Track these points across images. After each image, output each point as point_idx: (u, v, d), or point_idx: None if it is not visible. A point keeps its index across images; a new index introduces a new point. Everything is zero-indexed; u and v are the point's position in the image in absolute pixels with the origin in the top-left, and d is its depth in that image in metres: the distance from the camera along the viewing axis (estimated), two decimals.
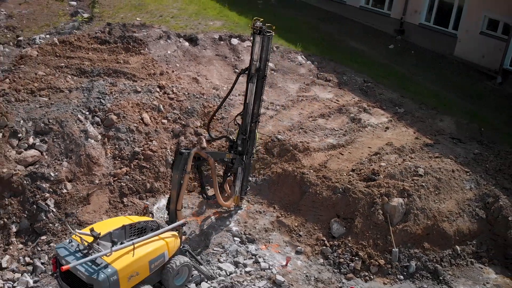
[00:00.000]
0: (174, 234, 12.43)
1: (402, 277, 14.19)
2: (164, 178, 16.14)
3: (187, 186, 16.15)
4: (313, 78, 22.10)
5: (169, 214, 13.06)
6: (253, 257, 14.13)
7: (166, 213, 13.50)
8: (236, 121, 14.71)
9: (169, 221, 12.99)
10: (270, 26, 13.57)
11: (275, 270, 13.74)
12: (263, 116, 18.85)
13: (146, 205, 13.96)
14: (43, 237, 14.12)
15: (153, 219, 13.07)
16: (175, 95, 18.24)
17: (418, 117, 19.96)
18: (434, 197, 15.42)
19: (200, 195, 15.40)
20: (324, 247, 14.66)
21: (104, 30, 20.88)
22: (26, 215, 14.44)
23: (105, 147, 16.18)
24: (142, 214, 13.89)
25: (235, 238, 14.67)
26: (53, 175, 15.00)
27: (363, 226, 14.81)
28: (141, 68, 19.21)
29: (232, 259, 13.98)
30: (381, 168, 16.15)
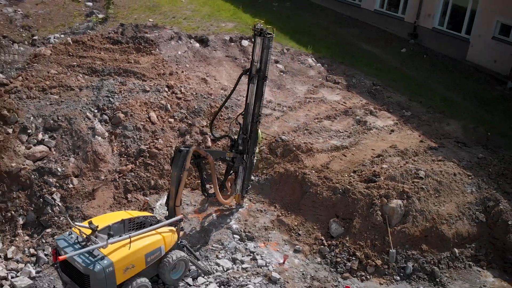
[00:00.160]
0: (172, 229, 12.75)
1: (399, 278, 14.29)
2: (168, 176, 16.40)
3: (191, 184, 16.54)
4: (322, 81, 22.26)
5: (168, 210, 13.37)
6: (251, 254, 14.35)
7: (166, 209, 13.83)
8: (238, 121, 14.98)
9: (168, 217, 13.25)
10: (271, 28, 13.85)
11: (272, 268, 13.96)
12: (269, 117, 19.17)
13: (146, 201, 14.32)
14: (48, 230, 14.57)
15: (153, 215, 13.42)
16: (183, 95, 18.59)
17: (425, 121, 19.97)
18: (434, 200, 15.50)
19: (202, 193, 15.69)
20: (322, 247, 14.84)
21: (117, 31, 21.32)
22: (33, 208, 14.89)
23: (112, 144, 16.59)
24: (143, 210, 14.24)
25: (235, 236, 14.92)
26: (60, 170, 15.45)
27: (362, 227, 14.96)
28: (151, 68, 19.59)
29: (230, 256, 14.22)
30: (382, 170, 16.28)
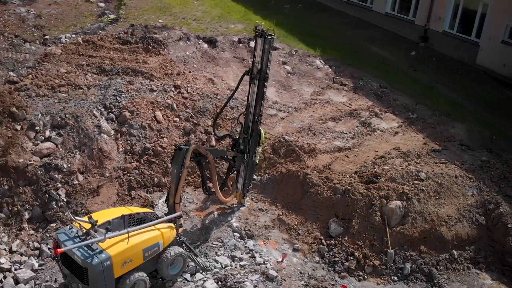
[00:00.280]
0: (171, 226, 13.01)
1: (396, 279, 14.38)
2: None
3: (194, 182, 16.79)
4: (329, 82, 22.40)
5: (168, 207, 13.63)
6: (250, 252, 14.53)
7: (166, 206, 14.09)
8: (239, 120, 15.20)
9: (168, 214, 13.47)
10: (272, 30, 14.07)
11: (270, 265, 14.14)
12: (274, 118, 19.37)
13: (147, 197, 14.60)
14: (53, 225, 14.92)
15: (153, 211, 13.71)
16: (189, 95, 18.87)
17: (430, 123, 20.00)
18: (434, 202, 15.57)
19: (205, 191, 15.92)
20: (321, 246, 14.98)
21: (127, 31, 21.71)
22: (39, 203, 15.29)
23: (117, 142, 16.92)
24: (143, 206, 14.53)
25: (235, 234, 15.12)
26: (66, 167, 15.82)
27: (360, 227, 15.08)
28: (159, 68, 19.92)
29: (229, 253, 14.43)
30: (384, 171, 16.39)
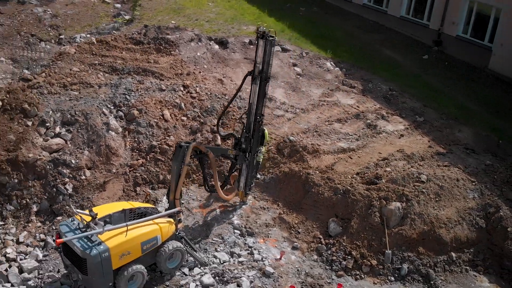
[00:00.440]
0: (170, 221, 13.37)
1: (393, 279, 14.51)
2: None
3: (198, 180, 17.14)
4: (338, 84, 22.59)
5: (169, 203, 14.00)
6: (249, 249, 14.81)
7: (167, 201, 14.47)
8: (242, 120, 15.51)
9: (168, 209, 13.86)
10: (273, 31, 14.37)
11: (268, 262, 14.41)
12: (281, 118, 19.65)
13: (148, 193, 14.99)
14: (59, 218, 15.41)
15: (154, 206, 14.09)
16: (198, 95, 19.25)
17: (436, 127, 20.06)
18: (434, 204, 15.68)
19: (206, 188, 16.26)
20: (320, 245, 15.19)
21: (140, 32, 22.23)
22: (47, 197, 15.82)
23: (125, 140, 17.38)
24: (145, 202, 14.92)
25: (235, 231, 15.42)
26: (74, 162, 16.31)
27: (359, 227, 15.26)
28: (169, 68, 20.37)
29: (229, 250, 14.74)
30: (385, 173, 16.55)
